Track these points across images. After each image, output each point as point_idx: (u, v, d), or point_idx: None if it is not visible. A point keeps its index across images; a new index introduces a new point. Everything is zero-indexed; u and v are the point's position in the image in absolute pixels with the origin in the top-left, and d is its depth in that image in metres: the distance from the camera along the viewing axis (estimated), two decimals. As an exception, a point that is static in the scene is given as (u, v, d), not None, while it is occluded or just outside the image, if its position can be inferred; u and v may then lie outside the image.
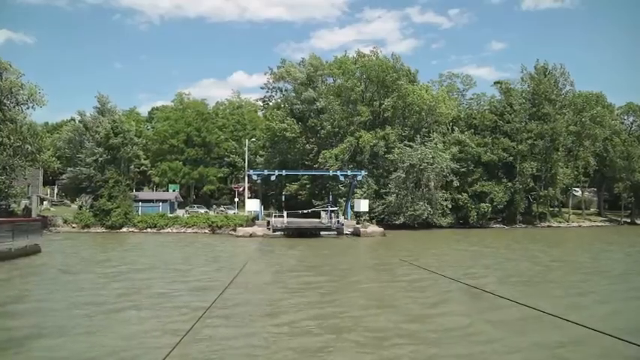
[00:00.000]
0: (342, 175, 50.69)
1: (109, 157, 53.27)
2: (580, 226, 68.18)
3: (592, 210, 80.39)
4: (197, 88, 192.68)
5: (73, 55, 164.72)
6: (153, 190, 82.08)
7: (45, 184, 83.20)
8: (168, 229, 49.98)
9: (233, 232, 46.64)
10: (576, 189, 74.65)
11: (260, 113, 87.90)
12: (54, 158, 51.38)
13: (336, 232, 46.22)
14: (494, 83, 73.49)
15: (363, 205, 49.43)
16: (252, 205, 50.34)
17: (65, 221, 51.12)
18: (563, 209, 72.45)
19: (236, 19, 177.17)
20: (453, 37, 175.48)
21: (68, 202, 71.01)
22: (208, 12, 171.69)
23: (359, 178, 50.19)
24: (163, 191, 76.20)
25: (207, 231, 49.38)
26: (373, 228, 47.76)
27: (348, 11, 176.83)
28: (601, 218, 76.03)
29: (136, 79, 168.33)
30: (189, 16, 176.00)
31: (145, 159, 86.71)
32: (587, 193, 78.28)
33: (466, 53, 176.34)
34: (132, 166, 78.89)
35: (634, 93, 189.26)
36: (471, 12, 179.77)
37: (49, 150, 48.26)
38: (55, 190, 78.73)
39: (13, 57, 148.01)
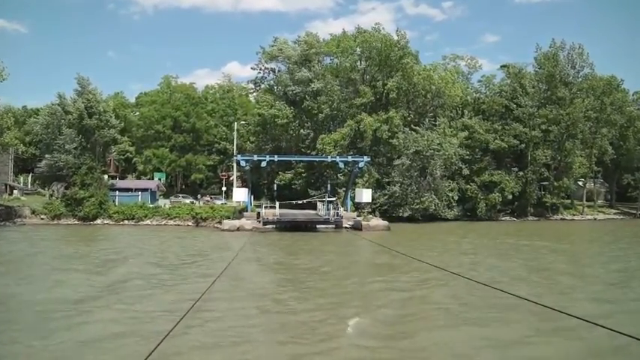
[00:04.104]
0: (341, 161, 45.09)
1: (82, 140, 48.01)
2: (595, 219, 63.56)
3: (599, 202, 75.82)
4: (190, 77, 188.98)
5: (65, 44, 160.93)
6: (139, 179, 76.41)
7: (21, 171, 77.85)
8: (148, 221, 45.14)
9: (219, 225, 41.67)
10: (582, 179, 69.78)
11: (252, 97, 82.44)
12: (17, 141, 45.95)
13: (334, 226, 41.44)
14: (501, 67, 68.66)
15: (365, 195, 44.42)
16: (240, 195, 45.27)
17: (33, 212, 46.07)
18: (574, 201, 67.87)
19: (230, 9, 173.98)
20: (446, 30, 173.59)
21: (43, 191, 65.39)
22: (202, 2, 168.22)
23: (361, 165, 44.78)
24: (148, 179, 70.84)
25: (190, 224, 44.53)
26: (376, 221, 42.67)
27: (342, 3, 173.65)
28: (614, 210, 71.58)
29: (129, 68, 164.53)
30: (183, 6, 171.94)
31: (130, 145, 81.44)
32: (597, 184, 73.76)
33: (460, 45, 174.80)
34: (114, 152, 73.66)
35: (632, 84, 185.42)
36: (465, 4, 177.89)
37: (11, 131, 42.67)
38: (30, 179, 73.04)
39: (5, 46, 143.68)
